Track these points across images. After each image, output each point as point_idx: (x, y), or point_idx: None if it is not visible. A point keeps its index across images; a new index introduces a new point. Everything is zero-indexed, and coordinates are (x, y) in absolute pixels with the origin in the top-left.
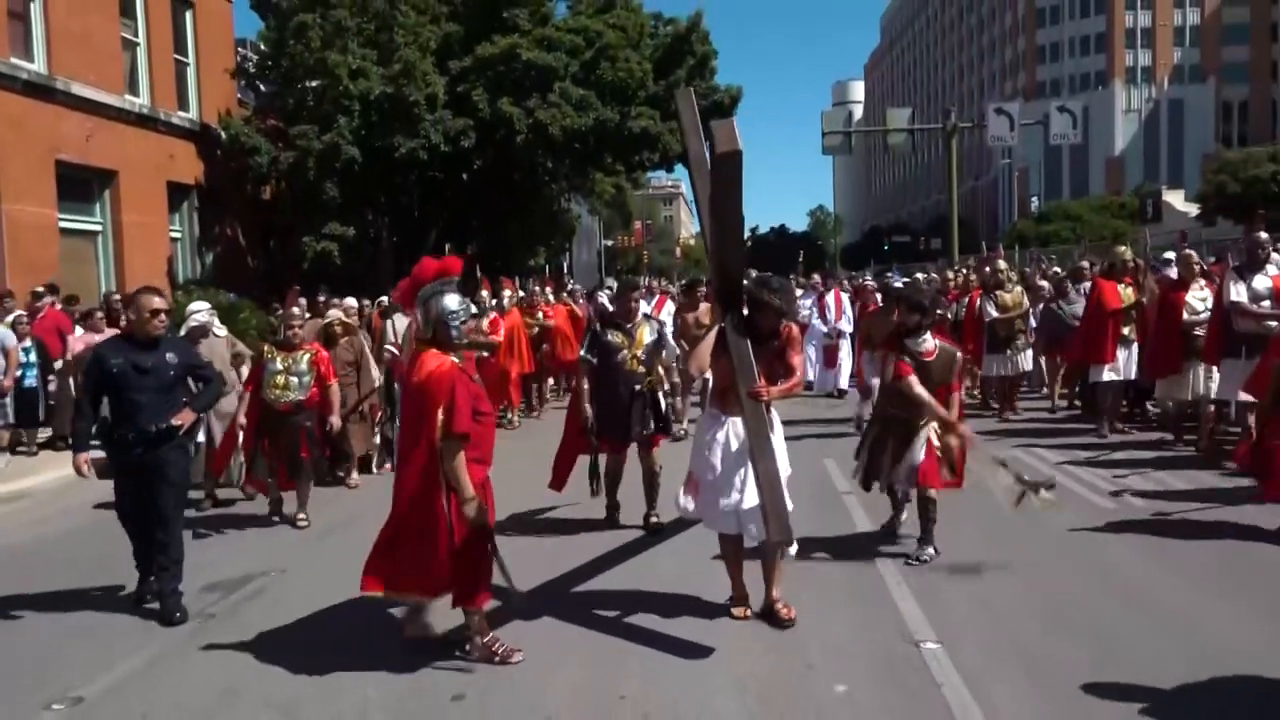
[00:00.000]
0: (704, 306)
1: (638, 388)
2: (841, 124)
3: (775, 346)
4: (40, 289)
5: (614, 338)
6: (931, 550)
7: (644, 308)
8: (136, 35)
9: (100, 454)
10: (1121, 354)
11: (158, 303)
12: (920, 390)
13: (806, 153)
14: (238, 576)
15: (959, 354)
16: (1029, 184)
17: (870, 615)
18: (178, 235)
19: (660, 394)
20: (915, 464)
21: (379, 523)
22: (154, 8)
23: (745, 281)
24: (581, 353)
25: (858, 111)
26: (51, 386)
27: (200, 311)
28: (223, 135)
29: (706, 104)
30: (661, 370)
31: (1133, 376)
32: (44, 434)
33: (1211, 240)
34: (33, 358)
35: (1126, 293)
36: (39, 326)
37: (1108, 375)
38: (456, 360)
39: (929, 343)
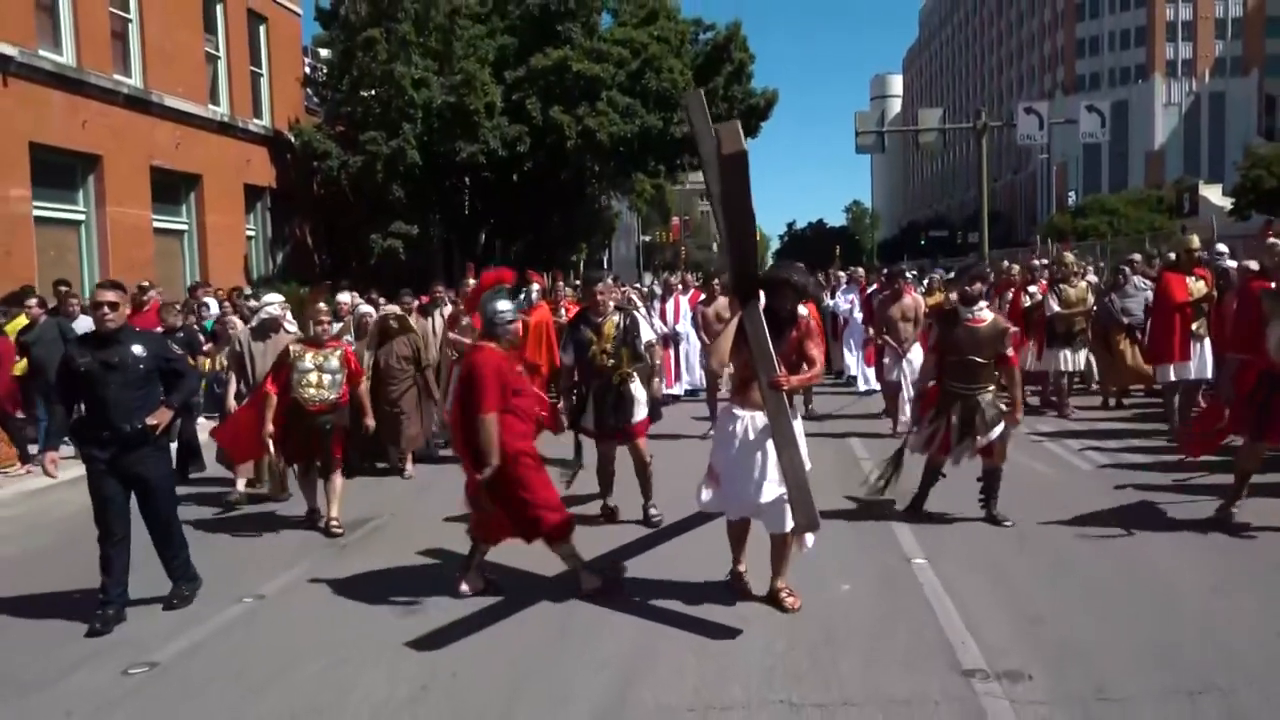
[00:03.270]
0: (722, 300)
1: (596, 382)
2: (875, 123)
3: (794, 338)
4: (145, 284)
5: (585, 333)
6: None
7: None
8: (217, 49)
9: (70, 453)
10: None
11: (108, 295)
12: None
13: (845, 147)
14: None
15: (1010, 328)
16: (1068, 178)
17: (873, 542)
18: (252, 234)
19: (634, 384)
20: (991, 440)
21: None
22: (233, 22)
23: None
24: (560, 353)
25: (895, 106)
26: None
27: (273, 304)
28: (294, 141)
29: (744, 108)
30: (648, 357)
31: (1208, 375)
32: None
33: (1245, 234)
34: None
35: (1196, 285)
36: (143, 320)
37: (1175, 374)
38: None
39: (982, 312)
